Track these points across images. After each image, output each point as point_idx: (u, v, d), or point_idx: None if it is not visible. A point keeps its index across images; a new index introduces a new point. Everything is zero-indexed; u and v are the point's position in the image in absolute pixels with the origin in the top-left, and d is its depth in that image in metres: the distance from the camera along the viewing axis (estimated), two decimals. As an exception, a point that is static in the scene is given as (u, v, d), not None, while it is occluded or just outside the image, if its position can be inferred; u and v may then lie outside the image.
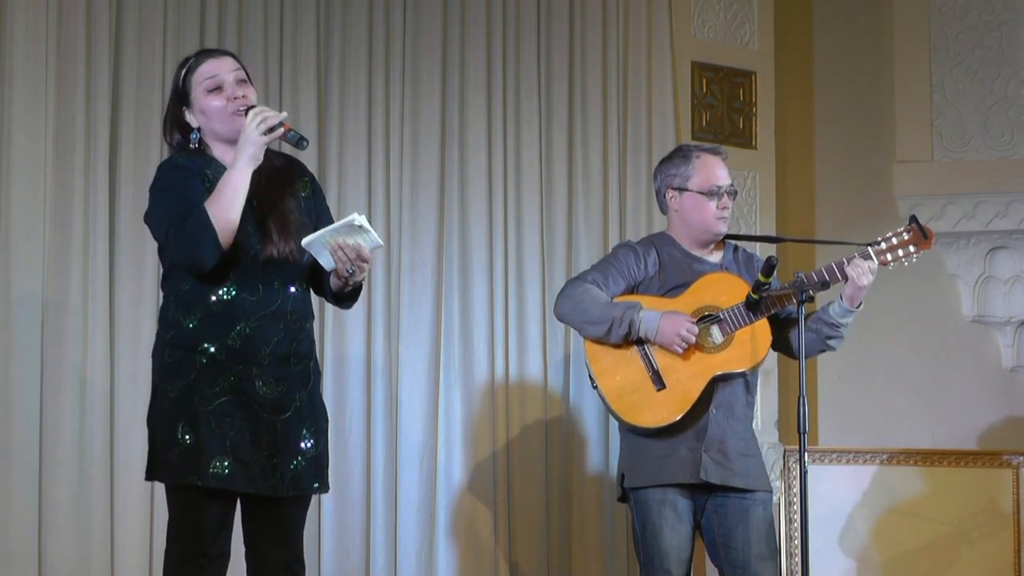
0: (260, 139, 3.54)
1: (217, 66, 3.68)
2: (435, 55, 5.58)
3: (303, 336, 3.69)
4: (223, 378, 3.57)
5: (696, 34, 6.07)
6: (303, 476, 3.66)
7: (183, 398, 3.56)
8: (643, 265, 4.39)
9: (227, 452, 3.54)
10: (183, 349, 3.59)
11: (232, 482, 3.55)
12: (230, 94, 3.65)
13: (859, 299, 4.28)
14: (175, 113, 3.71)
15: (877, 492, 6.00)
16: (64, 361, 4.77)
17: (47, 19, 4.82)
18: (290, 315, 3.65)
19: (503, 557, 5.50)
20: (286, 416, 3.63)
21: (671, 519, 4.27)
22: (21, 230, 4.74)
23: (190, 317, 3.59)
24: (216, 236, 3.49)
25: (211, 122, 3.67)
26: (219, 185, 3.55)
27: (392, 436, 5.38)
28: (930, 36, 6.13)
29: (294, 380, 3.66)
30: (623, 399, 4.29)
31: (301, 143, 3.60)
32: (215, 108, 3.65)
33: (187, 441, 3.53)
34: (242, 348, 3.58)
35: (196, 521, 3.58)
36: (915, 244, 4.28)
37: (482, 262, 5.57)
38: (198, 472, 3.52)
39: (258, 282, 3.61)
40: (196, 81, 3.67)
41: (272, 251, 3.61)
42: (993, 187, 6.00)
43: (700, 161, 4.40)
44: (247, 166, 3.55)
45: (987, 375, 6.14)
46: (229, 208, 3.52)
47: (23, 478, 4.67)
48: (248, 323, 3.59)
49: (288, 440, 3.63)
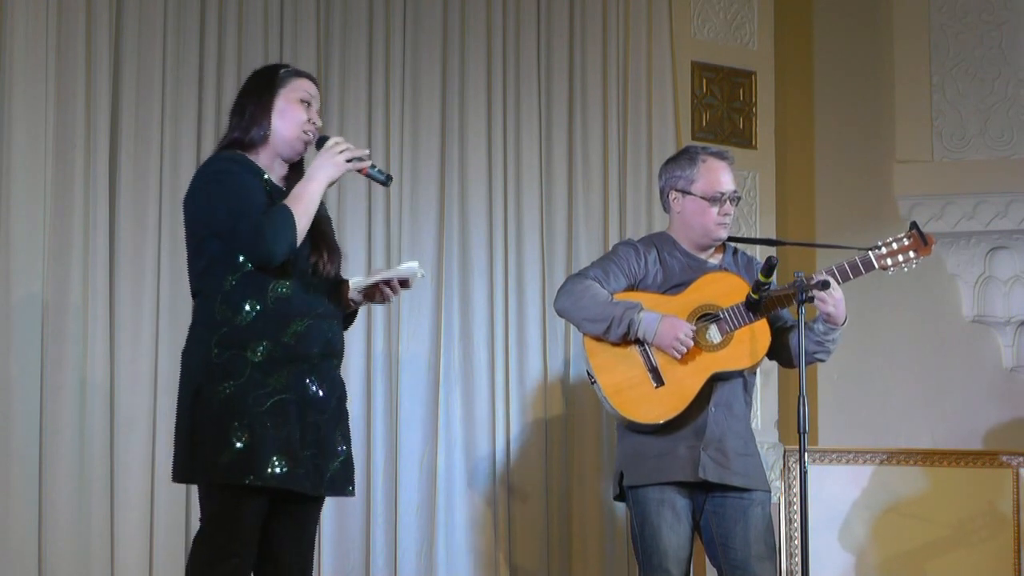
0: (344, 164, 3.69)
1: (313, 89, 3.83)
2: (435, 55, 5.58)
3: (340, 340, 3.80)
4: (276, 377, 3.61)
5: (696, 34, 6.07)
6: (338, 478, 3.73)
7: (235, 398, 3.57)
8: (643, 263, 4.40)
9: (282, 452, 3.57)
10: (234, 348, 3.60)
11: (290, 481, 3.59)
12: (312, 117, 3.78)
13: (838, 319, 4.27)
14: (263, 101, 3.75)
15: (877, 492, 6.00)
16: (64, 361, 4.77)
17: (47, 19, 4.82)
18: (334, 315, 3.76)
19: (503, 557, 5.50)
20: (327, 416, 3.70)
21: (670, 518, 4.27)
22: (21, 230, 4.74)
23: (241, 314, 3.62)
24: (295, 235, 3.60)
25: (284, 127, 3.75)
26: (297, 192, 3.65)
27: (392, 436, 5.38)
28: (930, 36, 6.13)
29: (334, 381, 3.75)
30: (621, 395, 4.29)
31: (388, 180, 3.80)
32: (298, 118, 3.76)
33: (242, 441, 3.55)
34: (297, 345, 3.64)
35: (235, 521, 3.60)
36: (915, 250, 4.27)
37: (482, 262, 5.57)
38: (256, 472, 3.54)
39: (310, 283, 3.71)
40: (293, 86, 3.78)
41: (320, 264, 3.74)
42: (993, 187, 6.00)
43: (705, 166, 4.39)
44: (324, 184, 3.68)
45: (987, 375, 6.14)
46: (306, 214, 3.64)
47: (23, 478, 4.67)
48: (303, 321, 3.65)
49: (328, 441, 3.70)
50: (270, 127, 3.74)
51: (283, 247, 3.59)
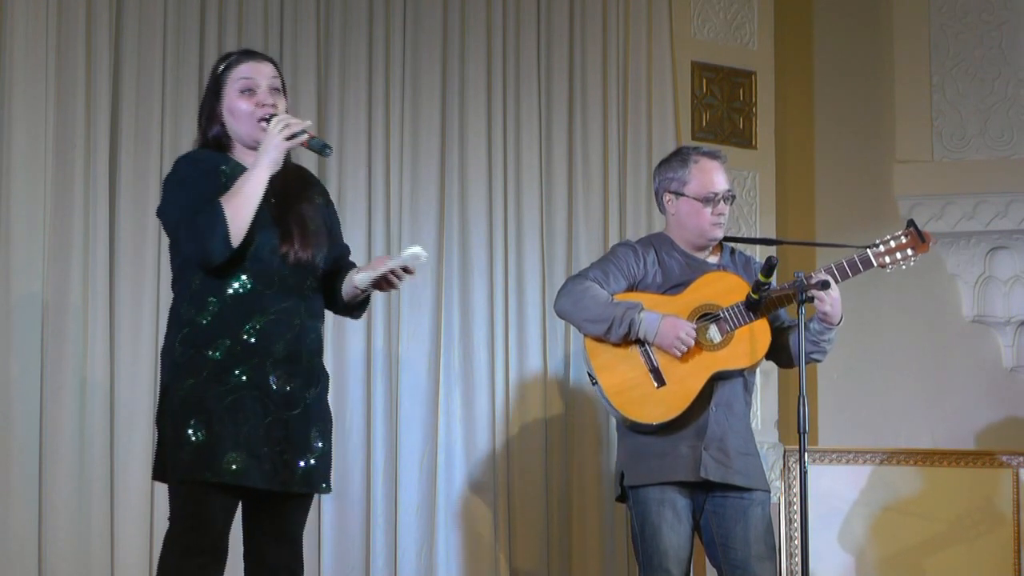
0: (282, 144, 3.59)
1: (255, 69, 3.71)
2: (435, 55, 5.58)
3: (314, 335, 3.71)
4: (236, 373, 3.58)
5: (696, 34, 6.07)
6: (313, 474, 3.68)
7: (194, 396, 3.56)
8: (642, 264, 4.40)
9: (241, 447, 3.55)
10: (195, 347, 3.59)
11: (246, 477, 3.56)
12: (260, 100, 3.68)
13: (834, 318, 4.27)
14: (211, 105, 3.72)
15: (877, 492, 6.00)
16: (64, 361, 4.77)
17: (47, 19, 4.82)
18: (304, 313, 3.68)
19: (503, 557, 5.50)
20: (296, 413, 3.64)
21: (670, 518, 4.27)
22: (21, 230, 4.74)
23: (203, 313, 3.60)
24: (227, 232, 3.52)
25: (235, 123, 3.70)
26: (236, 184, 3.58)
27: (392, 436, 5.38)
28: (930, 36, 6.13)
29: (304, 378, 3.68)
30: (622, 395, 4.29)
31: (325, 150, 3.68)
32: (242, 111, 3.68)
33: (199, 438, 3.53)
34: (257, 342, 3.59)
35: (202, 517, 3.58)
36: (913, 248, 4.28)
37: (482, 262, 5.57)
38: (212, 468, 3.53)
39: (275, 277, 3.64)
40: (231, 78, 3.70)
41: (290, 254, 3.65)
42: (993, 187, 6.00)
43: (698, 167, 4.39)
44: (266, 169, 3.58)
45: (987, 375, 6.14)
46: (243, 207, 3.55)
47: (23, 478, 4.67)
48: (264, 317, 3.61)
49: (298, 437, 3.64)
50: (224, 128, 3.70)
51: (216, 244, 3.53)
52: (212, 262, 3.55)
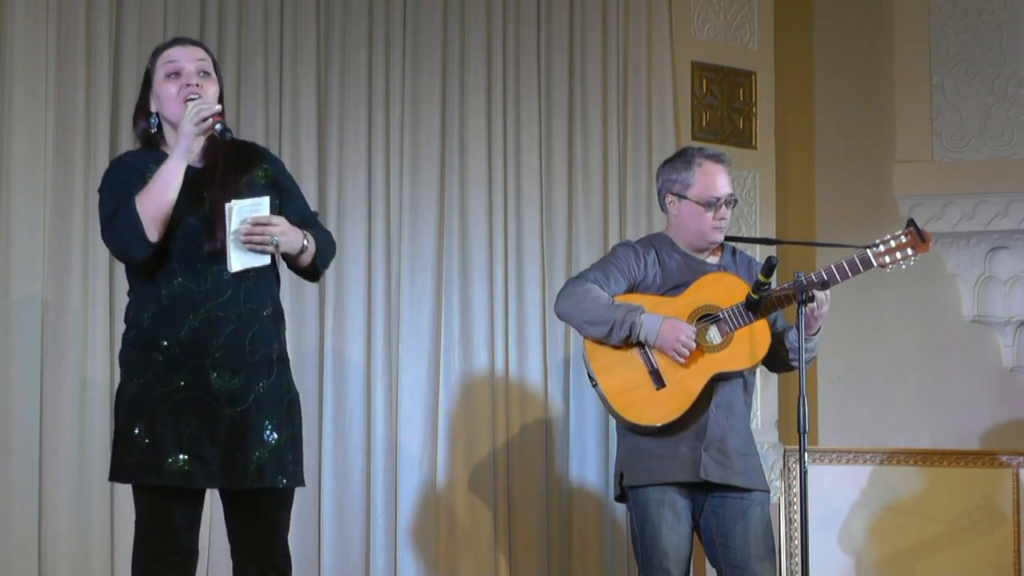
0: (192, 130, 3.53)
1: (182, 53, 3.66)
2: (435, 55, 5.58)
3: (259, 326, 3.63)
4: (178, 374, 3.55)
5: (696, 34, 6.07)
6: (266, 469, 3.60)
7: (139, 397, 3.56)
8: (643, 265, 4.40)
9: (184, 448, 3.52)
10: (139, 347, 3.60)
11: (190, 479, 3.54)
12: (185, 82, 3.62)
13: (815, 328, 4.27)
14: (143, 96, 3.70)
15: (876, 492, 6.00)
16: (64, 361, 4.77)
17: (47, 19, 4.82)
18: (243, 305, 3.60)
19: (503, 557, 5.50)
20: (244, 408, 3.58)
21: (670, 519, 4.27)
22: (21, 230, 4.75)
23: (144, 314, 3.60)
24: (141, 228, 3.49)
25: (163, 108, 3.65)
26: (152, 179, 3.54)
27: (392, 436, 5.38)
28: (930, 36, 6.13)
29: (252, 371, 3.60)
30: (623, 397, 4.29)
31: (224, 134, 3.56)
32: (167, 94, 3.63)
33: (145, 441, 3.53)
34: (194, 341, 3.56)
35: (162, 519, 3.57)
36: (913, 247, 4.28)
37: (482, 262, 5.57)
38: (156, 471, 3.51)
39: (206, 274, 3.58)
40: (159, 64, 3.66)
41: (214, 247, 3.56)
42: (993, 187, 6.01)
43: (701, 170, 4.39)
44: (179, 159, 3.53)
45: (987, 375, 6.14)
46: (155, 201, 3.50)
47: (23, 478, 4.67)
48: (197, 316, 3.57)
49: (248, 432, 3.58)
50: (154, 118, 3.66)
51: (132, 240, 3.50)
52: (134, 260, 3.54)
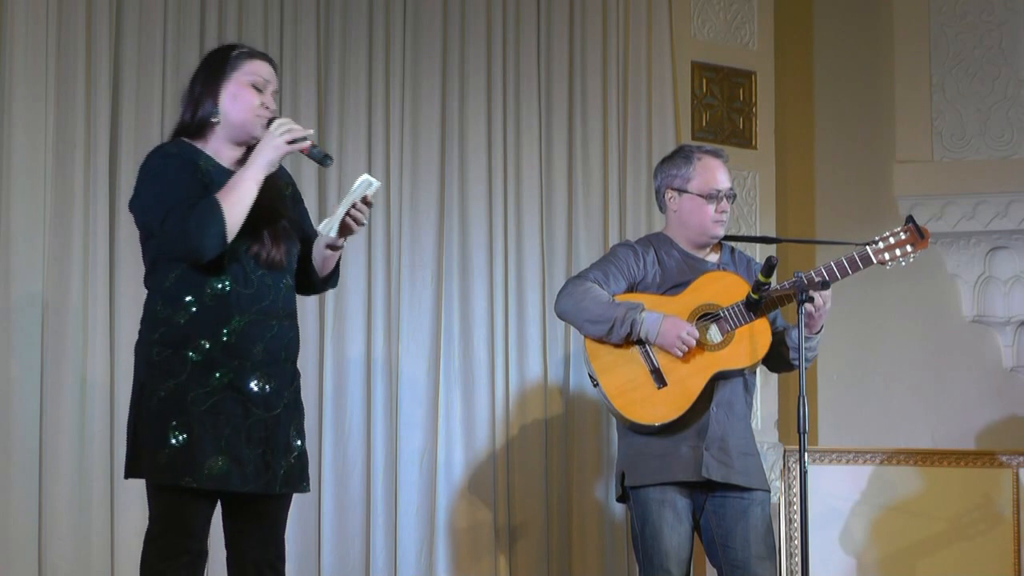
0: (284, 147, 3.59)
1: (268, 72, 3.71)
2: (435, 55, 5.58)
3: (293, 334, 3.71)
4: (216, 375, 3.56)
5: (696, 34, 6.07)
6: (293, 474, 3.67)
7: (174, 398, 3.54)
8: (642, 264, 4.40)
9: (222, 451, 3.54)
10: (173, 347, 3.57)
11: (227, 482, 3.55)
12: (266, 102, 3.68)
13: (817, 327, 4.28)
14: (214, 80, 3.67)
15: (876, 492, 6.00)
16: (64, 361, 4.77)
17: (47, 19, 4.82)
18: (282, 312, 3.67)
19: (503, 557, 5.50)
20: (276, 413, 3.63)
21: (670, 519, 4.27)
22: (21, 230, 4.74)
23: (180, 312, 3.58)
24: (224, 228, 3.51)
25: (235, 111, 3.66)
26: (232, 182, 3.56)
27: (392, 436, 5.38)
28: (930, 36, 6.14)
29: (283, 377, 3.67)
30: (624, 396, 4.29)
31: (325, 160, 3.69)
32: (249, 102, 3.66)
33: (180, 441, 3.52)
34: (237, 343, 3.57)
35: (182, 519, 3.57)
36: (912, 244, 4.28)
37: (482, 262, 5.57)
38: (192, 473, 3.51)
39: (252, 277, 3.62)
40: (245, 70, 3.68)
41: (262, 254, 3.62)
42: (993, 187, 6.01)
43: (701, 164, 4.40)
44: (263, 169, 3.58)
45: (987, 375, 6.14)
46: (239, 203, 3.54)
47: (23, 478, 4.67)
48: (243, 318, 3.59)
49: (279, 437, 3.63)
50: (218, 111, 3.66)
51: (211, 241, 3.51)
52: (203, 258, 3.53)
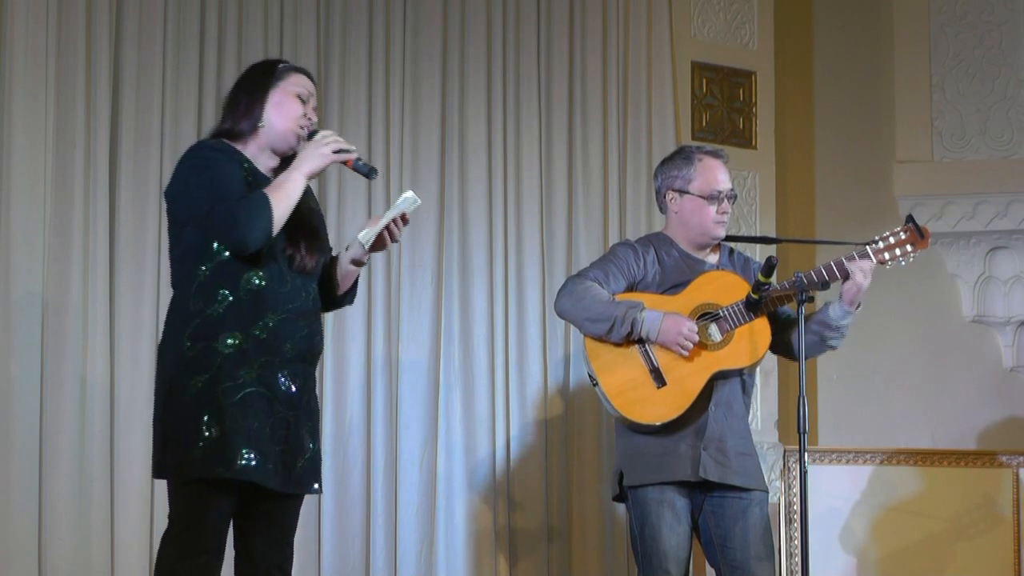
0: (329, 156, 3.67)
1: (310, 85, 3.81)
2: (435, 55, 5.59)
3: (319, 338, 3.76)
4: (246, 369, 3.58)
5: (696, 34, 6.07)
6: (306, 474, 3.69)
7: (206, 391, 3.55)
8: (642, 263, 4.40)
9: (253, 445, 3.55)
10: (205, 340, 3.58)
11: (257, 474, 3.56)
12: (309, 114, 3.77)
13: (858, 300, 4.28)
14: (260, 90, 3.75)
15: (876, 492, 6.00)
16: (64, 361, 4.77)
17: (47, 19, 4.82)
18: (311, 314, 3.72)
19: (503, 557, 5.50)
20: (296, 412, 3.66)
21: (669, 519, 4.27)
22: (21, 230, 4.75)
23: (214, 305, 3.60)
24: (271, 222, 3.57)
25: (279, 119, 3.73)
26: (279, 180, 3.63)
27: (392, 436, 5.38)
28: (930, 36, 6.14)
29: (307, 379, 3.71)
30: (623, 396, 4.29)
31: (372, 173, 3.77)
32: (293, 111, 3.74)
33: (212, 434, 3.53)
34: (268, 340, 3.61)
35: (204, 518, 3.58)
36: (912, 243, 4.28)
37: (482, 262, 5.57)
38: (226, 464, 3.52)
39: (286, 277, 3.67)
40: (291, 81, 3.77)
41: (296, 257, 3.69)
42: (993, 187, 6.01)
43: (702, 164, 4.40)
44: (306, 175, 3.66)
45: (987, 375, 6.14)
46: (286, 200, 3.61)
47: (23, 478, 4.67)
48: (276, 315, 3.62)
49: (297, 437, 3.66)
50: (263, 118, 3.72)
51: (258, 233, 3.56)
52: (247, 249, 3.57)
